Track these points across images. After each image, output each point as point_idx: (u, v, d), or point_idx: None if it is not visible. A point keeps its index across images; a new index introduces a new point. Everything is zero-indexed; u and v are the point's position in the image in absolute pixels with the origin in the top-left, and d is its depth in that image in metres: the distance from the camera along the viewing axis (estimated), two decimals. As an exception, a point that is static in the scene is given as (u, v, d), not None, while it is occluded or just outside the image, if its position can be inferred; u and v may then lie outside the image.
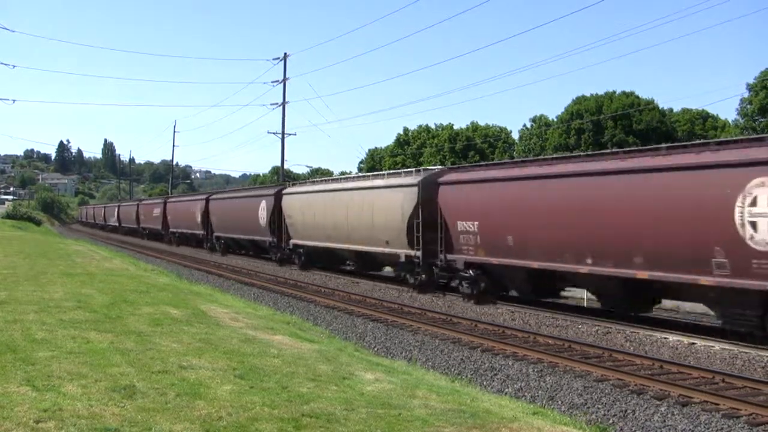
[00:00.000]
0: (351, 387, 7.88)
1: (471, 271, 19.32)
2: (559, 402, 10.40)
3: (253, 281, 26.10)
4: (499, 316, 17.36)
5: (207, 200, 43.87)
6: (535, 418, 7.70)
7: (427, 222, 20.72)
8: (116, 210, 75.24)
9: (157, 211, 56.49)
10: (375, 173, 28.43)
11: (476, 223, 18.80)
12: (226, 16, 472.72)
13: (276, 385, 7.59)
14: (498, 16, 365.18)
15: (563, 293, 19.83)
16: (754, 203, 11.95)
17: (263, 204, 33.98)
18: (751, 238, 11.96)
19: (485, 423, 6.75)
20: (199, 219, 44.50)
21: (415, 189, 21.35)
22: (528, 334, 14.57)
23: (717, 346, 13.23)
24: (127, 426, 5.76)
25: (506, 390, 11.20)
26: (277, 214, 32.42)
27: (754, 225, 11.93)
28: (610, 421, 9.51)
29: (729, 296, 12.78)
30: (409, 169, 24.61)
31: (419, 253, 21.18)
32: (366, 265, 27.00)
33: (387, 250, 23.10)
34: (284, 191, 32.43)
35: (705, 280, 12.84)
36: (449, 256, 20.05)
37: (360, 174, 28.01)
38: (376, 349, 14.55)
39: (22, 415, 5.89)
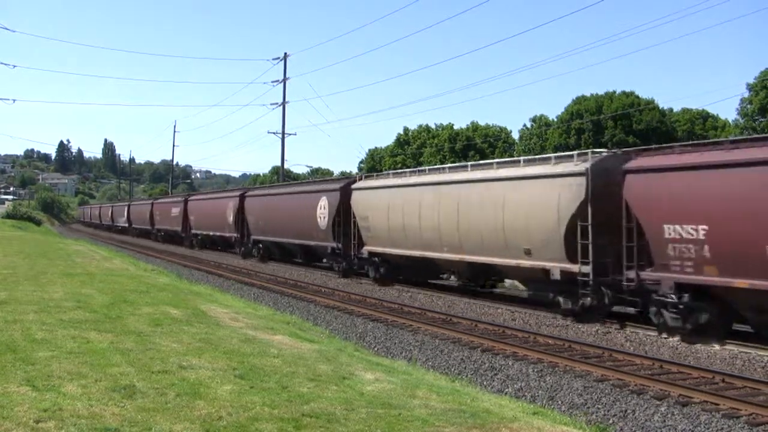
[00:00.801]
0: (351, 387, 7.88)
1: (685, 297, 13.64)
2: (559, 402, 10.40)
3: (253, 281, 26.09)
4: (499, 316, 17.35)
5: (242, 197, 37.95)
6: (535, 418, 7.69)
7: (600, 224, 15.32)
8: (126, 209, 69.57)
9: (175, 211, 50.97)
10: (503, 160, 20.85)
11: (703, 227, 13.18)
12: (226, 16, 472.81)
13: (276, 385, 7.58)
14: (498, 16, 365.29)
15: None
16: None
17: (323, 201, 27.83)
18: None
19: (485, 423, 6.74)
20: (231, 219, 38.65)
21: (582, 180, 15.67)
22: (528, 333, 14.57)
23: (717, 346, 13.22)
24: (127, 426, 5.75)
25: (506, 390, 11.20)
26: (343, 213, 26.47)
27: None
28: (610, 421, 9.51)
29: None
30: (564, 154, 18.08)
31: (587, 269, 15.44)
32: (478, 279, 22.32)
33: (527, 263, 17.35)
34: (354, 186, 26.22)
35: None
36: (644, 274, 14.41)
37: (478, 162, 22.84)
38: (376, 349, 14.55)
39: (22, 415, 5.89)
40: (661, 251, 13.85)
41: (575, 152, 17.28)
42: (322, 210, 27.76)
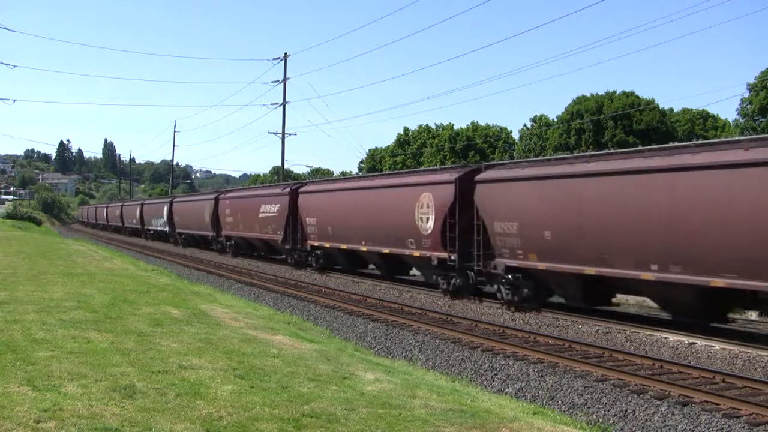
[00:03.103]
0: (351, 387, 7.88)
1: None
2: (560, 402, 10.40)
3: (254, 281, 26.10)
4: (499, 316, 17.35)
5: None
6: (535, 418, 7.70)
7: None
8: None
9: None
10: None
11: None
12: (226, 17, 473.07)
13: (276, 385, 7.58)
14: (498, 16, 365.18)
15: None
16: None
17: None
18: None
19: (485, 423, 6.75)
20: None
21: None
22: (528, 333, 14.57)
23: (717, 346, 13.23)
24: (127, 426, 5.76)
25: (507, 390, 11.20)
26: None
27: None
28: (611, 421, 9.51)
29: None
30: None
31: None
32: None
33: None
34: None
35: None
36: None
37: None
38: (376, 349, 14.55)
39: (23, 415, 5.89)
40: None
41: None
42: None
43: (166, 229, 51.38)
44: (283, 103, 48.79)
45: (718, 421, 8.86)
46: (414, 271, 24.97)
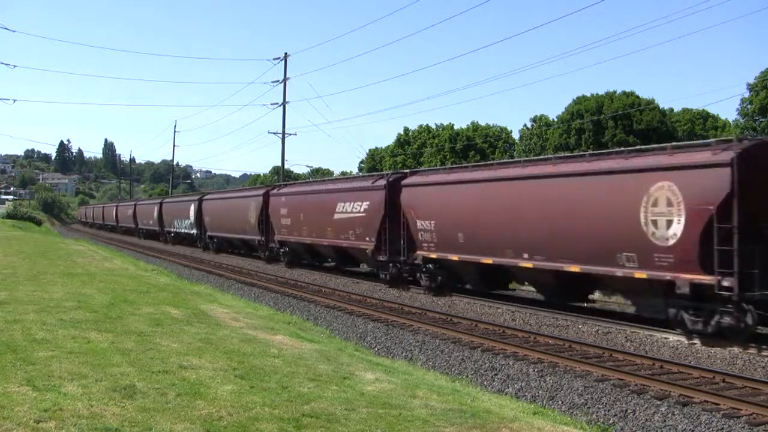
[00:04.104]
0: (351, 387, 7.88)
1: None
2: (560, 402, 10.40)
3: (254, 281, 26.09)
4: (499, 316, 17.35)
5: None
6: (535, 418, 7.70)
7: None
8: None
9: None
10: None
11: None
12: (226, 16, 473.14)
13: (276, 385, 7.58)
14: (498, 16, 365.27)
15: None
16: None
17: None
18: None
19: (486, 423, 6.75)
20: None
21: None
22: (528, 333, 14.57)
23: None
24: (127, 426, 5.75)
25: (507, 390, 11.20)
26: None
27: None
28: (611, 421, 9.51)
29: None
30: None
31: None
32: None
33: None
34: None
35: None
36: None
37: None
38: (376, 349, 14.55)
39: (23, 415, 5.89)
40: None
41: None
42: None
43: (193, 231, 46.18)
44: (283, 103, 48.81)
45: (718, 421, 8.86)
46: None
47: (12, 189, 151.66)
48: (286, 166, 54.37)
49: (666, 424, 9.07)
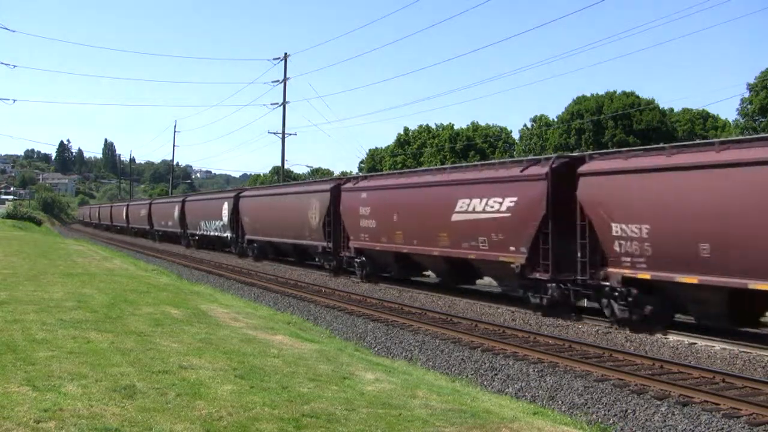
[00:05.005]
0: (351, 387, 7.88)
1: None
2: (560, 402, 10.40)
3: (254, 281, 26.10)
4: (499, 316, 17.35)
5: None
6: (535, 418, 7.70)
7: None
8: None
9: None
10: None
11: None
12: (226, 16, 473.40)
13: (276, 385, 7.59)
14: (498, 16, 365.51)
15: None
16: None
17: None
18: None
19: (486, 423, 6.75)
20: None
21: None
22: (528, 333, 14.57)
23: (717, 346, 13.23)
24: (127, 426, 5.76)
25: (507, 390, 11.20)
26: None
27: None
28: (611, 421, 9.51)
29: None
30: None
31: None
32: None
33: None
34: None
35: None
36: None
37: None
38: (376, 349, 14.55)
39: (23, 415, 5.89)
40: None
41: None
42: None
43: (227, 234, 39.10)
44: (283, 103, 48.83)
45: (718, 421, 8.86)
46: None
47: (12, 189, 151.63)
48: (286, 166, 54.40)
49: (666, 424, 9.08)
